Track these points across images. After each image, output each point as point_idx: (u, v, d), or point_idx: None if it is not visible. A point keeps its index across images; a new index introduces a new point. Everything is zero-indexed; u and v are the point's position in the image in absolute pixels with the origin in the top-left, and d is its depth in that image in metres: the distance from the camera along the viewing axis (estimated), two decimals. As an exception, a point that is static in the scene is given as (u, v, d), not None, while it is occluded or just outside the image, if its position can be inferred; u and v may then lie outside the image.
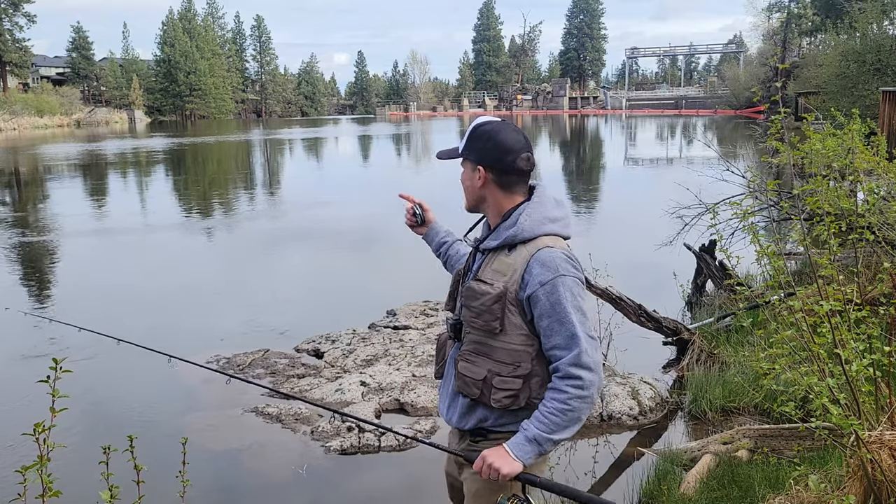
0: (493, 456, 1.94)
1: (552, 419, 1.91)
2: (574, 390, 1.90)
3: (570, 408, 1.90)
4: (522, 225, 1.99)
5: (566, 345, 1.91)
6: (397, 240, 12.50)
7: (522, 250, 1.97)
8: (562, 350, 1.92)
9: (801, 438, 3.87)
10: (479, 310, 1.98)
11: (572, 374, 1.90)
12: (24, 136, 50.39)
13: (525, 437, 1.92)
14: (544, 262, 1.93)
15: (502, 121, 2.08)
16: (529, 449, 1.92)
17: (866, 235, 3.47)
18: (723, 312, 6.24)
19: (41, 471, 1.73)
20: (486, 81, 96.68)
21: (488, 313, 1.97)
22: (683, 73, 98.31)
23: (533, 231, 1.98)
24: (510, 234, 1.99)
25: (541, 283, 1.92)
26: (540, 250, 1.95)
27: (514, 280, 1.95)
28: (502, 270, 1.98)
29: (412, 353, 6.17)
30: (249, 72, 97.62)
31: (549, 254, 1.94)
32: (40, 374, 1.92)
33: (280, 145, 40.34)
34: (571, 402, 1.90)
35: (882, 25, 25.99)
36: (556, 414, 1.90)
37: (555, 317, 1.92)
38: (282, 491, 4.26)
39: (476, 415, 2.06)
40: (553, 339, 1.93)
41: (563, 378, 1.91)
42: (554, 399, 1.91)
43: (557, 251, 1.96)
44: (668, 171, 22.51)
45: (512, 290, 1.95)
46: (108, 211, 16.46)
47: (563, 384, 1.91)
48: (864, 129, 5.65)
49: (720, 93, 69.43)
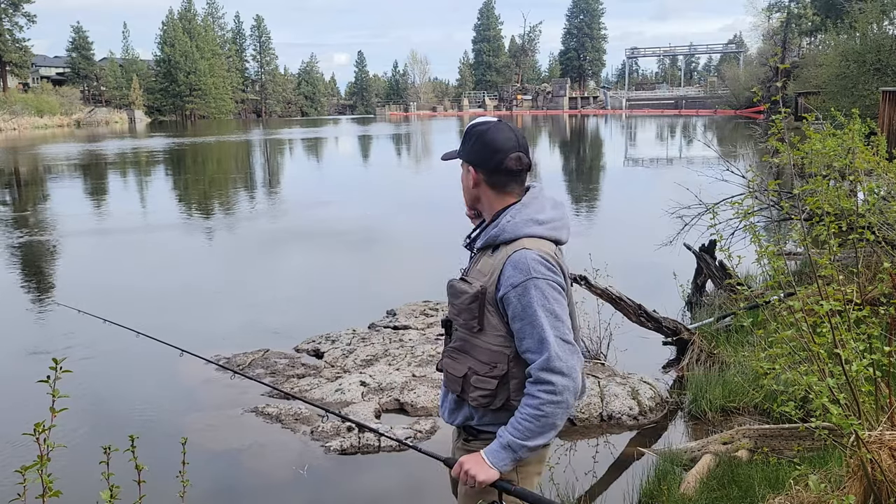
0: (470, 463, 1.94)
1: (526, 425, 1.89)
2: (546, 395, 1.87)
3: (542, 413, 1.87)
4: (504, 226, 1.98)
5: (537, 348, 1.89)
6: (397, 240, 12.52)
7: (503, 251, 1.97)
8: (533, 353, 1.90)
9: (801, 438, 3.87)
10: (459, 308, 2.01)
11: (543, 379, 1.88)
12: (24, 136, 50.39)
13: (500, 443, 1.92)
14: (516, 263, 1.91)
15: (498, 121, 2.07)
16: (504, 455, 1.91)
17: (866, 235, 3.46)
18: (723, 312, 6.24)
19: (41, 471, 1.73)
20: (486, 81, 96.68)
21: (467, 312, 1.99)
22: (683, 73, 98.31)
23: (514, 232, 1.97)
24: (492, 235, 2.00)
25: (512, 286, 1.90)
26: (516, 251, 1.93)
27: (491, 281, 1.95)
28: (484, 271, 1.99)
29: (412, 353, 6.17)
30: (249, 72, 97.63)
31: (522, 255, 1.92)
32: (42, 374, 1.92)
33: (280, 145, 40.36)
34: (544, 408, 1.87)
35: (882, 25, 26.00)
36: (530, 420, 1.88)
37: (526, 319, 1.90)
38: (282, 491, 4.27)
39: (462, 412, 2.08)
40: (525, 342, 1.92)
41: (535, 383, 1.90)
42: (527, 405, 1.90)
43: (532, 252, 1.92)
44: (668, 171, 22.51)
45: (490, 290, 1.95)
46: (108, 211, 16.46)
47: (535, 389, 1.89)
48: (864, 129, 5.65)
49: (720, 93, 69.43)
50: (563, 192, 17.68)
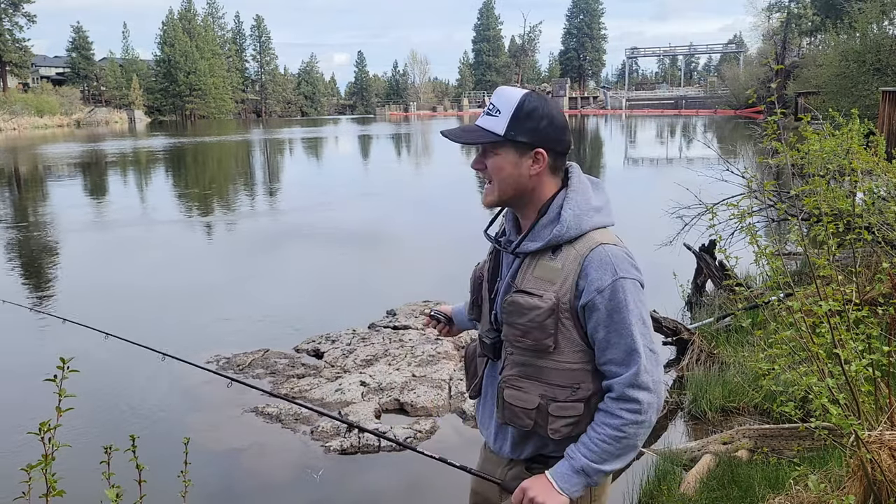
0: (536, 489, 1.67)
1: (603, 447, 1.64)
2: (630, 415, 1.63)
3: (624, 434, 1.63)
4: (567, 221, 1.68)
5: (623, 360, 1.64)
6: (397, 240, 12.52)
7: (570, 251, 1.68)
8: (618, 366, 1.65)
9: (800, 438, 3.88)
10: (528, 327, 1.67)
11: (629, 397, 1.63)
12: (24, 136, 50.37)
13: (572, 467, 1.66)
14: (601, 263, 1.64)
15: (536, 92, 1.74)
16: (577, 481, 1.66)
17: (865, 236, 3.47)
18: (722, 312, 6.25)
19: (45, 470, 1.74)
20: (486, 81, 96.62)
21: (539, 330, 1.66)
22: (683, 73, 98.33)
23: (580, 227, 1.68)
24: (555, 234, 1.68)
25: (598, 290, 1.63)
26: (593, 250, 1.66)
27: (566, 288, 1.66)
28: (549, 278, 1.68)
29: (412, 353, 6.18)
30: (249, 72, 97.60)
31: (604, 252, 1.65)
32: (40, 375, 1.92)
33: (280, 145, 40.34)
34: (626, 429, 1.63)
35: (882, 25, 25.99)
36: (608, 441, 1.64)
37: (612, 327, 1.63)
38: (282, 491, 4.27)
39: (533, 442, 1.78)
40: (609, 353, 1.65)
41: (618, 400, 1.64)
42: (606, 424, 1.65)
43: (615, 249, 1.67)
44: (668, 171, 22.50)
45: (565, 300, 1.66)
46: (108, 210, 16.45)
47: (617, 407, 1.64)
48: (863, 129, 5.65)
49: (720, 93, 69.41)
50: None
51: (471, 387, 1.98)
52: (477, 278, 1.93)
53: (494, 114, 1.71)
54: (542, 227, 1.72)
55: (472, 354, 1.98)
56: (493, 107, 1.72)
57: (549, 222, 1.71)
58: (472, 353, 1.99)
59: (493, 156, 1.72)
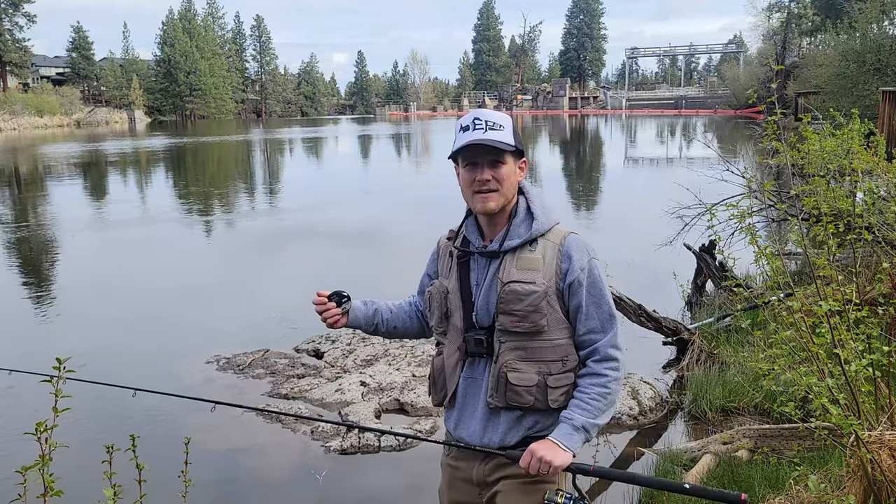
0: (543, 449, 1.86)
1: (595, 404, 1.90)
2: (612, 373, 1.91)
3: (609, 391, 1.91)
4: (539, 218, 1.97)
5: (602, 327, 1.93)
6: (397, 239, 12.52)
7: (546, 242, 1.96)
8: (597, 333, 1.93)
9: (801, 438, 3.88)
10: (526, 311, 1.90)
11: (611, 356, 1.92)
12: (24, 136, 50.37)
13: (572, 426, 1.88)
14: (577, 246, 1.94)
15: None
16: (578, 437, 1.88)
17: (865, 236, 3.47)
18: (723, 312, 6.25)
19: (43, 470, 1.74)
20: (486, 81, 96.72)
21: (536, 312, 1.91)
22: (683, 73, 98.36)
23: (549, 221, 1.99)
24: (534, 229, 1.96)
25: (581, 268, 1.92)
26: (567, 238, 1.96)
27: (550, 273, 1.92)
28: (533, 267, 1.93)
29: (412, 353, 6.18)
30: (249, 72, 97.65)
31: (576, 239, 1.97)
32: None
33: (280, 145, 40.34)
34: (611, 385, 1.91)
35: (882, 25, 25.99)
36: (598, 398, 1.90)
37: (591, 299, 1.93)
38: (282, 490, 4.27)
39: (524, 424, 1.98)
40: (589, 322, 1.93)
41: (602, 361, 1.92)
42: (594, 384, 1.91)
43: (580, 236, 1.99)
44: (668, 171, 22.50)
45: (551, 283, 1.92)
46: (108, 211, 16.46)
47: (602, 367, 1.91)
48: (863, 129, 5.65)
49: (720, 93, 69.47)
50: (563, 192, 17.69)
51: (439, 396, 2.12)
52: (441, 293, 2.08)
53: (498, 128, 1.93)
54: (517, 226, 1.98)
55: (441, 367, 2.10)
56: (493, 123, 1.94)
57: (521, 221, 1.98)
58: (441, 366, 2.11)
59: (502, 165, 1.95)
